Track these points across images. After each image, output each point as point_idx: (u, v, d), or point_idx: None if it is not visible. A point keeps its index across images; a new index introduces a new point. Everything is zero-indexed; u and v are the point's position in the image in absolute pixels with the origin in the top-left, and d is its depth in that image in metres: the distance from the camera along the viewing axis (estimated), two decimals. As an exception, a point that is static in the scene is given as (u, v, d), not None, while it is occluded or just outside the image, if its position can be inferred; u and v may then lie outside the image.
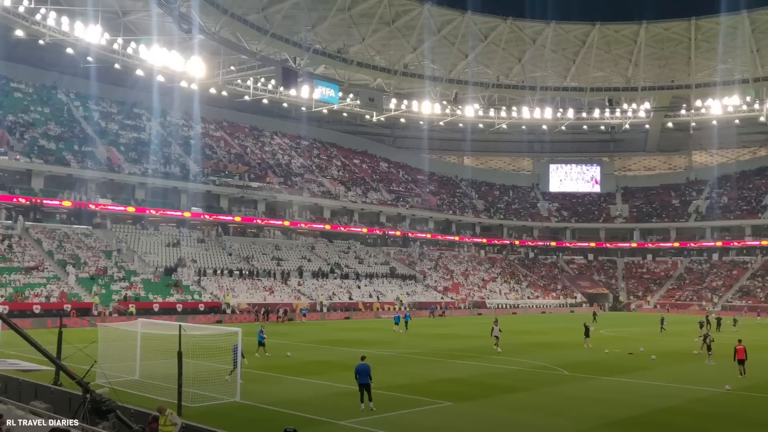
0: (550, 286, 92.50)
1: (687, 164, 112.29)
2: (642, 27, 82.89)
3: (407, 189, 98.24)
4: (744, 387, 24.16)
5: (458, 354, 33.36)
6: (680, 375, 27.39)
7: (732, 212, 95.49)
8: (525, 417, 18.94)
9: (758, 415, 19.94)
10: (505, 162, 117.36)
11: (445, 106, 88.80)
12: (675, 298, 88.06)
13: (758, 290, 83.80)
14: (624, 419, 18.75)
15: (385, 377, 23.89)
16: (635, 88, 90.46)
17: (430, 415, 19.29)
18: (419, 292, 75.92)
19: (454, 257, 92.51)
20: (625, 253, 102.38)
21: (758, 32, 79.94)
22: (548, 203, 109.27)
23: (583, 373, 27.55)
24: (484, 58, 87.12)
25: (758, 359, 30.84)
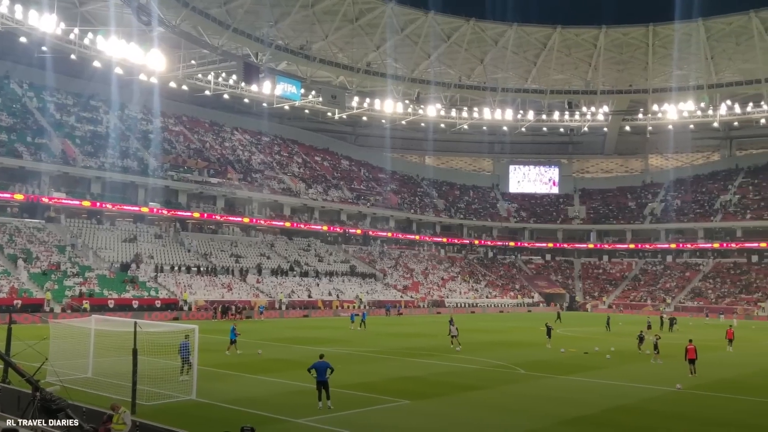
0: (508, 286, 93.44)
1: (643, 167, 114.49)
2: (601, 31, 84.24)
3: (368, 187, 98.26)
4: (694, 386, 24.71)
5: (416, 352, 33.46)
6: (633, 374, 27.89)
7: (686, 215, 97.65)
8: (482, 415, 19.07)
9: (708, 413, 20.42)
10: (466, 162, 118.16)
11: (407, 105, 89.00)
12: (630, 298, 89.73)
13: (709, 291, 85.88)
14: (579, 417, 19.00)
15: (342, 375, 23.81)
16: (594, 91, 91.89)
17: (387, 413, 19.29)
18: (379, 291, 75.98)
19: (415, 256, 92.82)
20: (582, 254, 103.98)
21: (713, 40, 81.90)
22: (508, 204, 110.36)
23: (540, 371, 27.87)
24: (446, 58, 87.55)
25: (707, 359, 31.63)
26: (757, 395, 23.44)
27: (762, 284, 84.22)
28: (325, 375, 19.14)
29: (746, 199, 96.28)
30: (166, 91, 78.68)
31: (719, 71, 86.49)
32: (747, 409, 21.17)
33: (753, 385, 25.68)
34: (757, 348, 41.69)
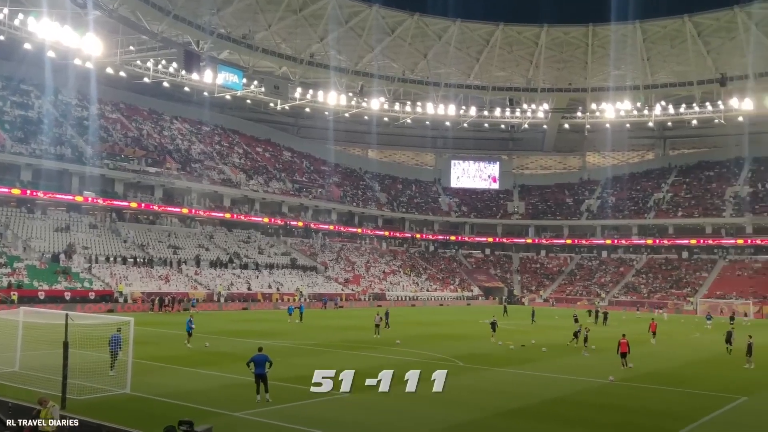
0: (448, 279, 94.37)
1: (581, 165, 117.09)
2: (543, 30, 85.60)
3: (311, 179, 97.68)
4: (626, 378, 25.42)
5: (356, 345, 33.44)
6: (568, 367, 28.51)
7: (621, 212, 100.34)
8: (420, 407, 19.15)
9: (638, 404, 21.02)
10: (409, 156, 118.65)
11: (350, 97, 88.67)
12: (566, 292, 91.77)
13: (642, 286, 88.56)
14: (516, 409, 19.31)
15: (282, 368, 23.59)
16: (535, 89, 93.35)
17: (327, 406, 19.19)
18: (320, 284, 75.71)
19: (356, 249, 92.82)
20: (521, 249, 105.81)
21: (649, 42, 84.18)
22: (449, 198, 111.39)
23: (478, 364, 28.22)
24: (390, 52, 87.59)
25: (638, 352, 32.58)
26: (684, 386, 24.26)
27: (691, 280, 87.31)
28: (263, 368, 18.96)
29: (678, 197, 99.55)
30: (103, 77, 76.31)
31: (654, 72, 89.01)
32: (674, 399, 21.89)
33: (681, 376, 26.59)
34: (685, 341, 43.18)
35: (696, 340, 44.13)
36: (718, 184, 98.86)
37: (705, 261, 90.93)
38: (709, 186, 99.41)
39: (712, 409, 20.10)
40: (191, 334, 31.16)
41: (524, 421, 18.00)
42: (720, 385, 24.55)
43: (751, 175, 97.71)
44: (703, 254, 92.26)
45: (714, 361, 32.14)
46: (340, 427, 16.62)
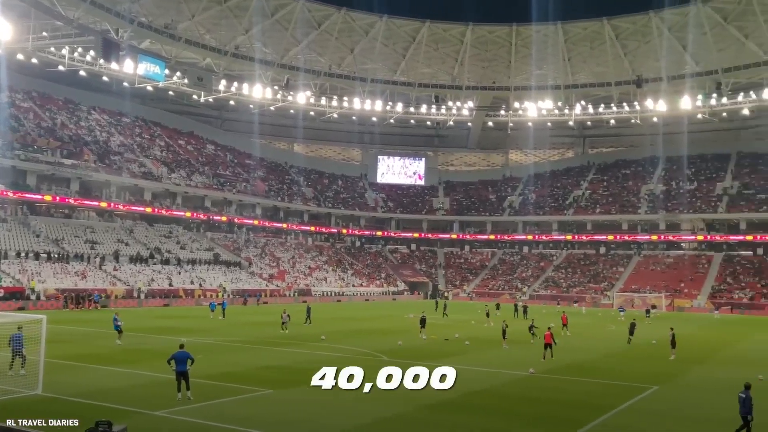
0: (374, 275, 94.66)
1: (504, 162, 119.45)
2: (468, 28, 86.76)
3: (235, 173, 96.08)
4: (545, 370, 26.06)
5: (280, 341, 33.09)
6: (491, 360, 29.03)
7: (542, 208, 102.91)
8: (344, 402, 19.09)
9: (558, 395, 21.56)
10: (335, 151, 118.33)
11: (276, 91, 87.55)
12: (489, 287, 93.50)
13: (562, 281, 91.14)
14: (440, 402, 19.47)
15: (204, 366, 23.13)
16: (460, 86, 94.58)
17: (250, 403, 18.95)
18: (244, 280, 74.65)
19: (281, 244, 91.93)
20: (445, 244, 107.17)
21: (570, 43, 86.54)
22: (375, 194, 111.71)
23: (402, 358, 28.34)
24: (317, 46, 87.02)
25: (557, 345, 33.47)
26: (601, 377, 25.08)
27: (608, 274, 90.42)
28: (185, 365, 18.54)
29: (596, 194, 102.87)
30: (14, 64, 72.73)
31: (575, 73, 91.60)
32: (591, 390, 22.60)
33: (597, 368, 27.47)
34: (602, 333, 44.65)
35: (612, 332, 45.66)
36: (633, 182, 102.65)
37: (621, 256, 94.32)
38: (625, 184, 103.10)
39: (626, 398, 20.83)
40: (121, 331, 30.21)
41: (447, 413, 18.18)
42: (634, 376, 25.47)
43: (664, 173, 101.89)
44: (619, 250, 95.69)
45: (629, 353, 33.33)
46: (262, 423, 16.36)
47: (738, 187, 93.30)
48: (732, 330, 50.05)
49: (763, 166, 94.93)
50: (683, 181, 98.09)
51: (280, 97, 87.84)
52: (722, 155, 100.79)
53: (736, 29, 76.86)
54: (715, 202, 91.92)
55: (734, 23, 76.35)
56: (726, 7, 75.22)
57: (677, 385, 24.01)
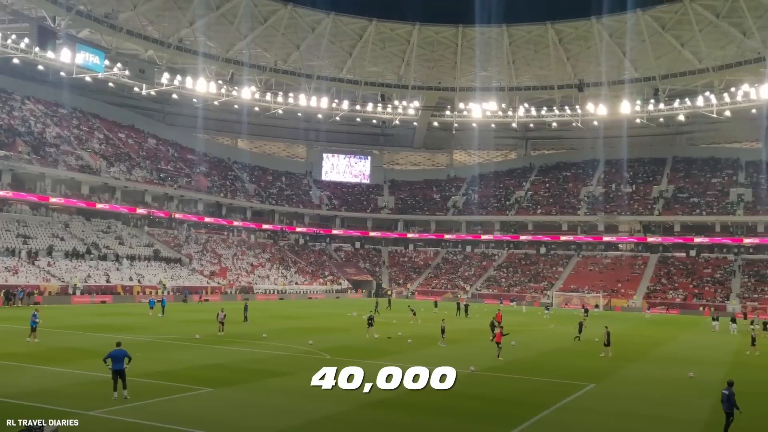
0: (318, 273, 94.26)
1: (448, 162, 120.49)
2: (415, 28, 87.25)
3: (177, 168, 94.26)
4: (486, 367, 26.40)
5: (220, 340, 32.62)
6: (432, 357, 29.19)
7: (485, 208, 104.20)
8: (286, 401, 18.97)
9: (498, 393, 21.89)
10: (280, 148, 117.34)
11: (220, 85, 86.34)
12: (432, 285, 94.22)
13: (503, 280, 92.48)
14: (380, 400, 19.47)
15: (142, 364, 22.62)
16: (406, 86, 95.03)
17: (189, 401, 18.62)
18: (184, 276, 73.37)
19: (224, 241, 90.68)
20: (390, 243, 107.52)
21: (515, 46, 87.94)
22: (320, 191, 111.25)
23: (345, 357, 28.31)
24: (262, 41, 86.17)
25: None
26: (540, 375, 25.55)
27: (548, 274, 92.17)
28: (122, 364, 18.11)
29: (538, 195, 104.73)
30: (-57, 51, 69.87)
31: (519, 75, 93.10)
32: (531, 387, 22.99)
33: (537, 366, 27.97)
34: (541, 332, 45.48)
35: (551, 331, 46.59)
36: (574, 184, 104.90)
37: (561, 256, 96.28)
38: (566, 186, 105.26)
39: (564, 395, 21.25)
40: (35, 329, 29.18)
41: (388, 411, 18.21)
42: (572, 373, 26.02)
43: (604, 176, 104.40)
44: (559, 250, 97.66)
45: (567, 351, 34.04)
46: (200, 423, 16.06)
47: (673, 190, 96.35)
48: (664, 329, 51.63)
49: (696, 171, 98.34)
50: (622, 183, 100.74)
51: (224, 92, 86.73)
52: (659, 159, 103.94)
53: (673, 37, 79.42)
54: (652, 205, 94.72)
55: (671, 32, 78.85)
56: (664, 16, 77.62)
57: (613, 382, 24.62)
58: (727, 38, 76.93)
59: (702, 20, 75.38)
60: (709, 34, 77.12)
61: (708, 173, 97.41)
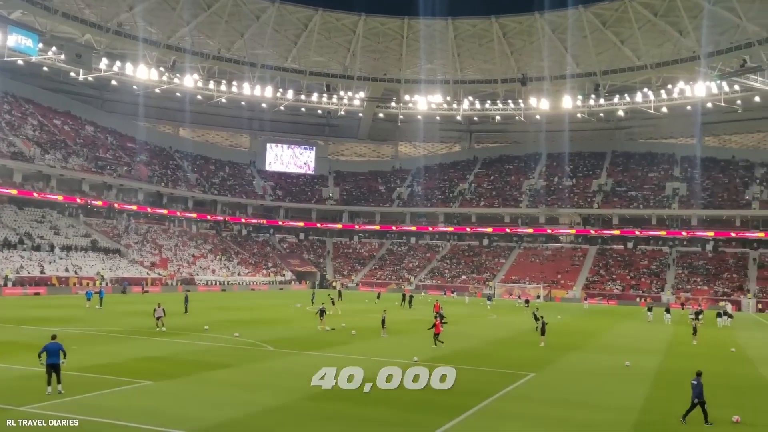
0: (261, 264, 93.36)
1: (393, 154, 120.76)
2: (361, 19, 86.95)
3: (116, 157, 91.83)
4: (429, 358, 26.54)
5: (161, 332, 31.94)
6: (376, 348, 29.27)
7: (429, 200, 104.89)
8: (228, 393, 18.71)
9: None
10: (223, 137, 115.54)
11: (162, 72, 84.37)
12: (376, 277, 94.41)
13: (446, 271, 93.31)
14: (324, 391, 19.32)
15: (79, 357, 22.03)
16: (351, 76, 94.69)
17: (128, 395, 18.16)
18: (123, 267, 71.67)
19: (164, 231, 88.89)
20: (334, 234, 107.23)
21: (460, 39, 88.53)
22: (264, 181, 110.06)
23: (288, 348, 28.14)
24: (205, 28, 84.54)
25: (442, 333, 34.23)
26: (482, 364, 25.84)
27: (490, 265, 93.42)
28: (57, 357, 17.58)
29: (481, 188, 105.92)
30: None
31: (463, 69, 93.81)
32: (473, 377, 23.09)
33: (479, 355, 28.31)
34: (484, 322, 46.07)
35: (493, 321, 47.23)
36: (516, 177, 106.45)
37: (503, 248, 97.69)
38: (508, 178, 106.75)
39: (506, 384, 21.56)
40: None
41: (331, 402, 18.13)
42: (513, 363, 26.42)
43: (545, 169, 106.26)
44: (501, 242, 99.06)
45: (509, 341, 34.57)
46: (138, 416, 15.64)
47: (612, 184, 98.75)
48: (602, 319, 52.95)
49: (634, 165, 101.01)
50: (563, 177, 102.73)
51: (165, 79, 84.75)
52: (598, 154, 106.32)
53: (613, 34, 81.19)
54: (591, 198, 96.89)
55: (612, 29, 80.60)
56: (605, 13, 79.27)
57: (553, 371, 25.09)
58: (665, 36, 79.07)
59: (641, 18, 77.28)
60: (648, 32, 79.14)
61: (645, 168, 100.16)
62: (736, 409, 17.55)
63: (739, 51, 72.26)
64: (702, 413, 17.01)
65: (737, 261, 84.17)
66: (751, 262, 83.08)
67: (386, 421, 16.43)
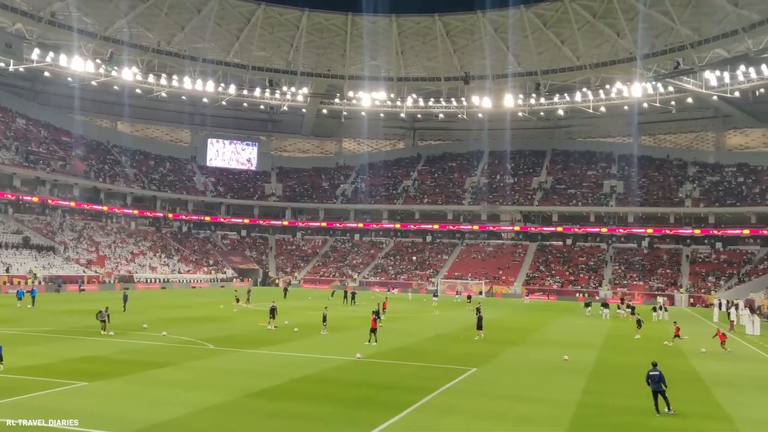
0: (202, 261, 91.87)
1: (337, 150, 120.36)
2: (304, 14, 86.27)
3: (50, 151, 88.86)
4: (372, 354, 26.59)
5: (97, 331, 31.05)
6: (318, 345, 29.14)
7: (373, 197, 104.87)
8: (166, 392, 18.31)
9: (383, 379, 22.04)
10: (163, 132, 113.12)
11: (99, 65, 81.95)
12: (320, 274, 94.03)
13: (390, 268, 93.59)
14: (265, 389, 19.21)
15: (9, 358, 21.20)
16: (295, 72, 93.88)
17: (62, 397, 17.58)
18: (58, 265, 69.50)
19: (102, 228, 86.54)
20: (277, 231, 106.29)
21: (403, 36, 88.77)
22: (205, 177, 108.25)
23: (228, 346, 27.76)
24: (144, 20, 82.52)
25: (382, 329, 34.33)
26: (424, 360, 25.97)
27: (434, 262, 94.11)
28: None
29: (424, 185, 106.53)
30: None
31: (407, 66, 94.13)
32: (415, 373, 23.31)
33: (421, 351, 28.43)
34: (425, 318, 46.35)
35: (436, 317, 47.57)
36: (459, 175, 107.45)
37: (446, 245, 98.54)
38: (451, 176, 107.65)
39: (448, 379, 21.71)
40: None
41: (272, 400, 17.96)
42: (455, 358, 26.64)
43: (487, 167, 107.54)
44: (444, 238, 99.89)
45: (450, 337, 34.83)
46: (73, 417, 15.11)
47: (552, 182, 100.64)
48: (542, 314, 53.92)
49: (573, 164, 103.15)
50: (504, 174, 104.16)
51: (103, 72, 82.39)
52: (539, 152, 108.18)
53: (554, 35, 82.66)
54: (532, 196, 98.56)
55: (552, 29, 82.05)
56: (545, 14, 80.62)
57: (494, 365, 25.39)
58: (603, 38, 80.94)
59: (580, 19, 78.90)
60: (587, 33, 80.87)
61: (584, 166, 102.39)
62: (670, 400, 18.05)
63: (673, 53, 74.55)
64: (663, 401, 17.79)
65: (671, 257, 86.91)
66: (684, 258, 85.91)
67: (328, 418, 16.32)
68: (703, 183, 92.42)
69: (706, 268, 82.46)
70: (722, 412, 18.58)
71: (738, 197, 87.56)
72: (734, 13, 67.39)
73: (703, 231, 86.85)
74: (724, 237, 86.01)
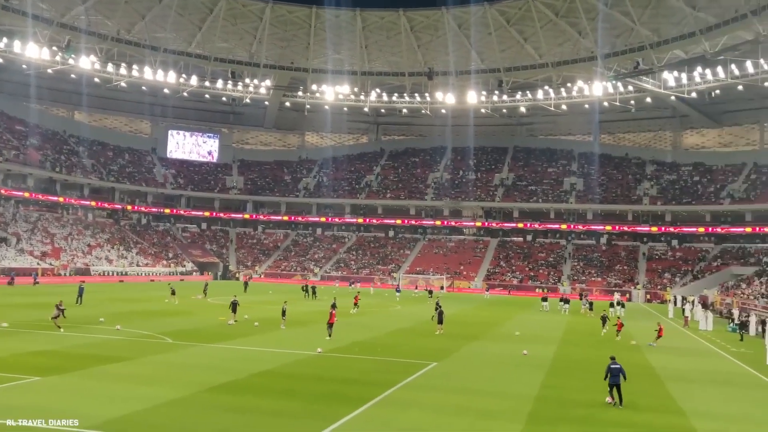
0: (161, 254, 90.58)
1: (300, 143, 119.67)
2: (268, 6, 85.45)
3: (3, 140, 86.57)
4: (333, 349, 26.52)
5: (52, 324, 30.36)
6: (279, 340, 28.96)
7: (336, 191, 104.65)
8: (123, 387, 17.98)
9: (344, 373, 21.98)
10: (123, 122, 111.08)
11: (55, 52, 80.00)
12: (281, 268, 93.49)
13: (352, 262, 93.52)
14: (225, 384, 19.01)
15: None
16: (257, 64, 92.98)
17: (13, 392, 17.12)
18: (11, 257, 67.85)
19: (57, 220, 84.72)
20: (238, 224, 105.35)
21: (368, 30, 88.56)
22: (165, 169, 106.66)
23: (187, 340, 27.41)
24: (103, 8, 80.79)
25: (344, 322, 34.29)
26: (386, 354, 25.99)
27: (395, 257, 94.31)
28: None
29: (387, 180, 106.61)
30: None
31: (371, 60, 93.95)
32: (376, 367, 23.31)
33: (382, 346, 28.43)
34: (387, 313, 46.42)
35: (397, 312, 47.67)
36: (422, 170, 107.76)
37: (408, 240, 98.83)
38: (414, 171, 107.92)
39: (408, 374, 21.75)
40: None
41: (232, 395, 17.76)
42: (415, 352, 26.71)
43: (450, 162, 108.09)
44: (406, 233, 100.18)
45: (411, 331, 34.94)
46: (26, 414, 14.71)
47: (513, 178, 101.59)
48: (502, 309, 54.42)
49: (534, 160, 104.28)
50: (467, 170, 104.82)
51: (59, 60, 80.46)
52: (501, 148, 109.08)
53: (516, 32, 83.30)
54: (493, 192, 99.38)
55: (515, 26, 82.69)
56: (509, 11, 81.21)
57: (454, 360, 25.53)
58: (565, 36, 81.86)
59: (543, 17, 79.65)
60: (549, 31, 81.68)
61: (545, 163, 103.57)
62: (624, 394, 18.35)
63: (633, 53, 75.77)
64: (617, 395, 18.24)
65: (628, 254, 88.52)
66: (641, 255, 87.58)
67: (288, 413, 16.21)
68: (660, 181, 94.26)
69: (663, 265, 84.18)
70: (675, 406, 18.98)
71: (693, 196, 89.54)
72: (692, 15, 68.80)
73: (659, 228, 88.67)
74: (680, 235, 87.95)
